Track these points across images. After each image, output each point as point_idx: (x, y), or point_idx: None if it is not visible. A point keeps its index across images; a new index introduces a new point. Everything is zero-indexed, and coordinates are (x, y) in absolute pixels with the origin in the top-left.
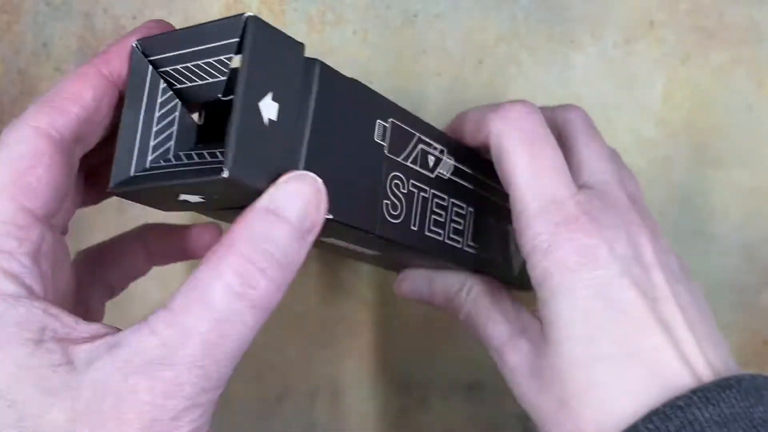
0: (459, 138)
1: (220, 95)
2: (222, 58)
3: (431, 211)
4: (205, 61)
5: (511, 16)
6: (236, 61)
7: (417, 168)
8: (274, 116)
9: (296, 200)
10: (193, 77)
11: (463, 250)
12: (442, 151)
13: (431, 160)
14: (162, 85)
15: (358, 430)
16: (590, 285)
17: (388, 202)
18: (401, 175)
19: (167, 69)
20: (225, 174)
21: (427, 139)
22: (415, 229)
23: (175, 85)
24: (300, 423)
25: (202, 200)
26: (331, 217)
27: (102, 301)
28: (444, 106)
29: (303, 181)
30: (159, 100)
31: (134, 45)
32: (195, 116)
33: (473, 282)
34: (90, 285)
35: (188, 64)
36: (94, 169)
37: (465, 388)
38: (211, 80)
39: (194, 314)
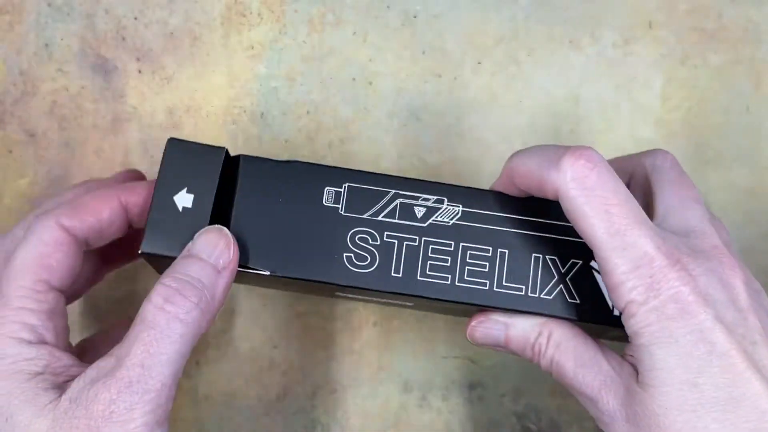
0: (518, 185)
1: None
2: None
3: (425, 257)
4: None
5: (511, 16)
6: None
7: (395, 221)
8: (189, 204)
9: (205, 243)
10: None
11: (496, 292)
12: (439, 200)
13: (420, 210)
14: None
15: (358, 430)
16: (690, 332)
17: (351, 254)
18: (370, 230)
19: None
20: (140, 249)
21: (411, 193)
22: (399, 275)
23: None
24: (300, 423)
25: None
26: (268, 273)
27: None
28: (444, 107)
29: (210, 230)
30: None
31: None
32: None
33: (552, 327)
34: None
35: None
36: (104, 255)
37: (465, 388)
38: None
39: (135, 330)
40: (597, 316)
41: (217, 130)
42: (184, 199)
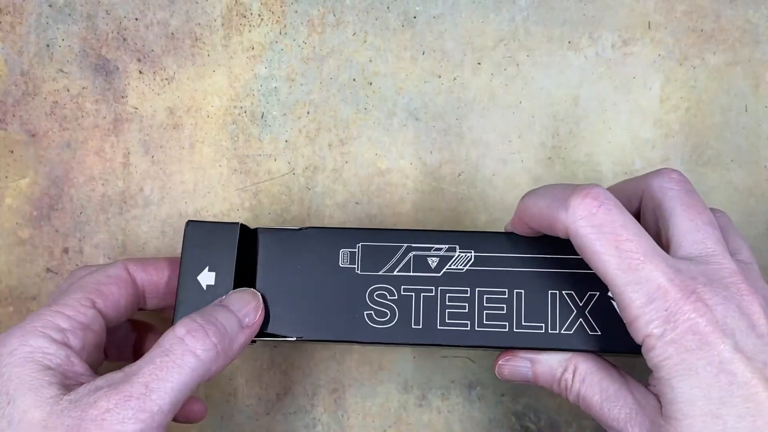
0: (530, 226)
1: None
2: None
3: (443, 306)
4: None
5: (510, 17)
6: None
7: (410, 274)
8: (212, 281)
9: (237, 299)
10: None
11: (516, 333)
12: (451, 249)
13: (433, 261)
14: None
15: (358, 429)
16: (709, 363)
17: (371, 311)
18: (387, 285)
19: None
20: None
21: (423, 245)
22: (419, 327)
23: None
24: (300, 422)
25: None
26: (294, 338)
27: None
28: (444, 107)
29: (245, 290)
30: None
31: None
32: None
33: (577, 361)
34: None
35: None
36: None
37: (464, 387)
38: None
39: (151, 354)
40: (619, 346)
41: (218, 130)
42: (207, 278)
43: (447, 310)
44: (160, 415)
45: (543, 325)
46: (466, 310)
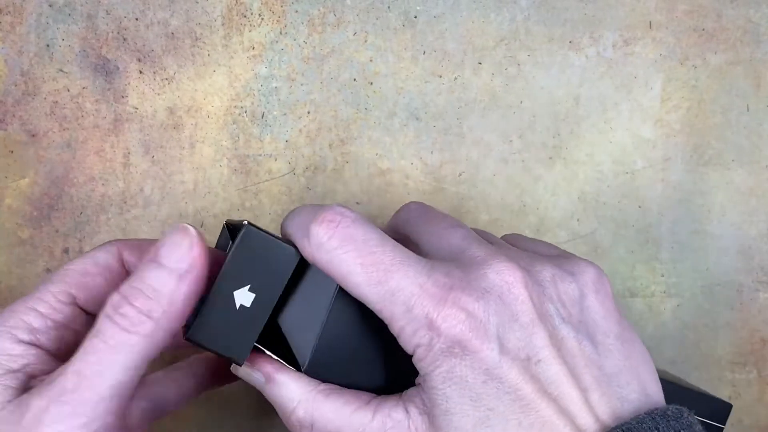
0: None
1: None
2: None
3: None
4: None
5: (511, 17)
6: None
7: None
8: (247, 303)
9: (167, 246)
10: None
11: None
12: None
13: None
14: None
15: None
16: (477, 370)
17: None
18: None
19: None
20: (186, 335)
21: None
22: None
23: None
24: None
25: None
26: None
27: (146, 417)
28: (445, 107)
29: (174, 230)
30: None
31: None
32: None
33: (314, 408)
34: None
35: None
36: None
37: None
38: None
39: (83, 341)
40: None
41: (218, 130)
42: (244, 297)
43: None
44: (103, 404)
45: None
46: None
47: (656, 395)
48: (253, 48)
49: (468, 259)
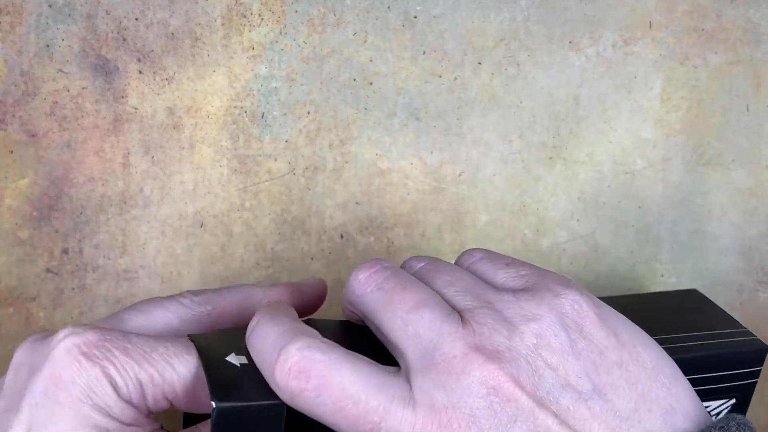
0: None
1: None
2: None
3: None
4: None
5: (511, 17)
6: None
7: None
8: None
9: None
10: None
11: None
12: None
13: None
14: None
15: None
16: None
17: None
18: None
19: None
20: None
21: None
22: None
23: None
24: None
25: None
26: None
27: None
28: (444, 107)
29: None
30: None
31: None
32: None
33: None
34: None
35: None
36: None
37: None
38: None
39: None
40: None
41: (218, 130)
42: None
43: None
44: None
45: None
46: None
47: (682, 403)
48: (253, 48)
49: (444, 363)
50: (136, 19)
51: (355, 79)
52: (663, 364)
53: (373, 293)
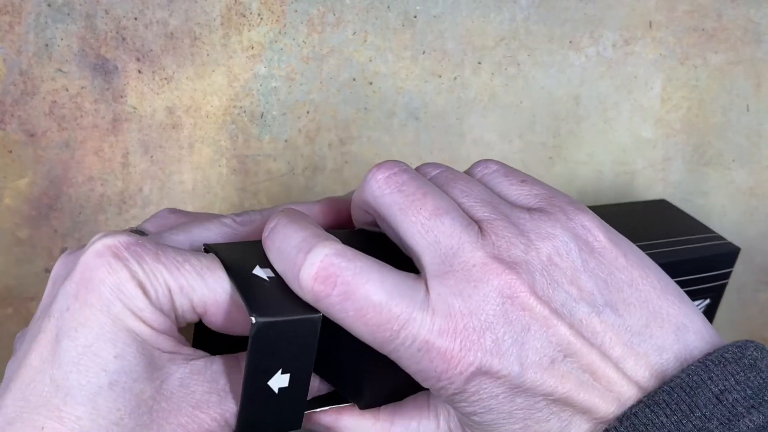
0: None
1: None
2: None
3: None
4: None
5: (511, 17)
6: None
7: None
8: (285, 384)
9: None
10: None
11: None
12: None
13: None
14: None
15: None
16: (501, 388)
17: None
18: None
19: None
20: None
21: None
22: None
23: None
24: None
25: None
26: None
27: None
28: (444, 107)
29: None
30: None
31: None
32: None
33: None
34: None
35: None
36: None
37: None
38: None
39: None
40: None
41: (217, 130)
42: (279, 381)
43: None
44: None
45: None
46: None
47: (694, 322)
48: (252, 48)
49: (463, 271)
50: (135, 19)
51: (354, 79)
52: (671, 286)
53: (392, 195)
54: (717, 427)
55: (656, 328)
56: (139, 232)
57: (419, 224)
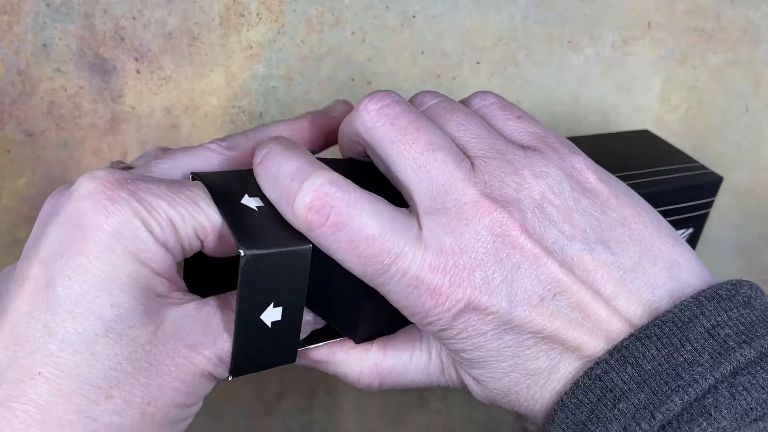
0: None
1: None
2: None
3: None
4: None
5: (510, 17)
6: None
7: None
8: (277, 317)
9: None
10: None
11: None
12: None
13: None
14: None
15: (357, 431)
16: (489, 325)
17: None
18: None
19: None
20: (232, 372)
21: None
22: None
23: None
24: (297, 422)
25: None
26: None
27: None
28: None
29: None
30: None
31: None
32: None
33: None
34: None
35: None
36: None
37: (464, 388)
38: None
39: None
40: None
41: (216, 130)
42: (272, 314)
43: None
44: None
45: None
46: None
47: (687, 260)
48: (251, 47)
49: (455, 208)
50: (134, 19)
51: (353, 79)
52: (664, 225)
53: (384, 127)
54: (707, 360)
55: (649, 266)
56: (126, 167)
57: (411, 159)
